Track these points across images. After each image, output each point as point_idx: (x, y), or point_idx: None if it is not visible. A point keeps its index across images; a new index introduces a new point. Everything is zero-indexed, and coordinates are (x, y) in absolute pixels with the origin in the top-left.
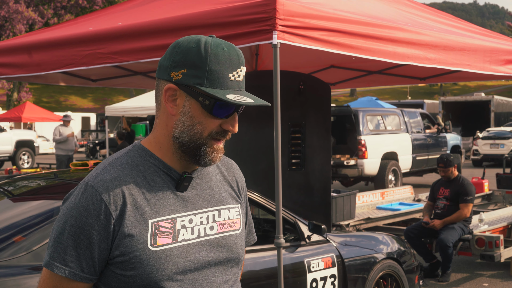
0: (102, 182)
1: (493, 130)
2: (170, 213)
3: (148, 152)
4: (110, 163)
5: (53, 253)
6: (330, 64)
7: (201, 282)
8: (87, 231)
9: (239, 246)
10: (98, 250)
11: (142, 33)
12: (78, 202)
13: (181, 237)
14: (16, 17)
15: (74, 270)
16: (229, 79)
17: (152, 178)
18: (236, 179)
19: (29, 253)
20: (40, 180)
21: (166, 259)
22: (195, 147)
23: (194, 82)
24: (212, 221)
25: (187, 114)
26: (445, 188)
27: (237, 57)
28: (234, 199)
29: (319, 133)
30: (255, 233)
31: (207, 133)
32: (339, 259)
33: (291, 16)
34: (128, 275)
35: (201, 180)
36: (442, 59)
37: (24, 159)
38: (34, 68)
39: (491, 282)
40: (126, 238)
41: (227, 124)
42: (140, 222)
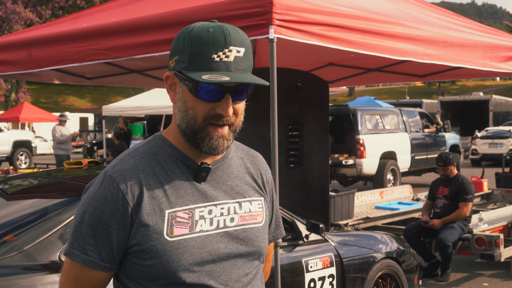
0: (120, 171)
1: (492, 129)
2: (188, 204)
3: (167, 142)
4: (130, 153)
5: (73, 242)
6: (328, 62)
7: (219, 274)
8: (105, 220)
9: (261, 239)
10: (116, 239)
11: (135, 29)
12: (96, 191)
13: (199, 228)
14: (14, 18)
15: (94, 259)
16: (213, 60)
17: (171, 168)
18: (261, 172)
19: (20, 252)
20: (34, 179)
21: (183, 250)
22: (193, 133)
23: (181, 67)
24: (233, 212)
25: (181, 100)
26: (444, 187)
27: (223, 38)
28: (257, 192)
29: (317, 131)
30: (283, 228)
31: (201, 118)
32: (338, 258)
33: (288, 10)
34: (145, 264)
35: (222, 172)
36: (442, 55)
37: (21, 159)
38: (26, 65)
39: (491, 281)
40: (142, 227)
41: (219, 108)
42: (157, 212)
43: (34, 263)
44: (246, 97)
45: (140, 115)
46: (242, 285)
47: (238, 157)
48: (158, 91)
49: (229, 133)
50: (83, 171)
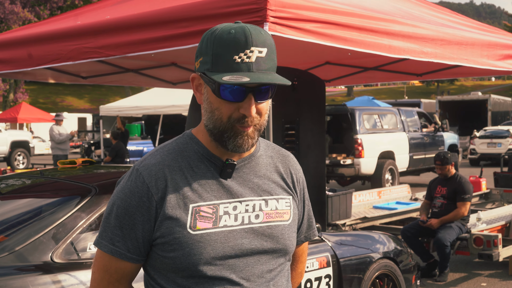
0: (146, 166)
1: (490, 129)
2: (213, 199)
3: (195, 139)
4: (158, 149)
5: (102, 233)
6: (326, 61)
7: (242, 269)
8: (131, 212)
9: (287, 237)
10: (142, 231)
11: (129, 26)
12: (124, 185)
13: (223, 223)
14: (12, 18)
15: (121, 250)
16: (234, 61)
17: (197, 164)
18: (291, 172)
19: (11, 253)
20: (27, 178)
21: (205, 243)
22: (219, 133)
23: (204, 68)
24: (258, 209)
25: (207, 101)
26: (442, 187)
27: (244, 38)
28: (284, 191)
29: (313, 130)
30: (316, 229)
31: (226, 119)
32: (334, 258)
33: (283, 7)
34: (168, 256)
35: (249, 169)
36: (439, 53)
37: (19, 159)
38: (19, 64)
39: (489, 281)
40: (166, 220)
41: (243, 109)
42: (181, 205)
43: (26, 264)
44: (270, 97)
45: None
46: (265, 281)
47: (267, 156)
48: (155, 91)
49: (253, 131)
50: (77, 171)
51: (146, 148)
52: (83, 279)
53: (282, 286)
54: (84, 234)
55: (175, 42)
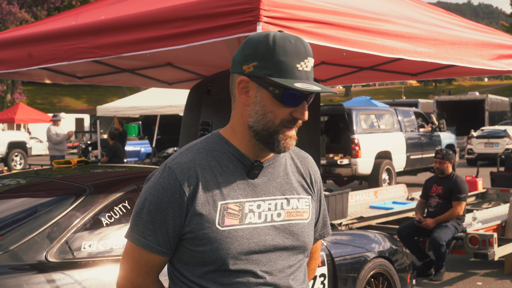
0: (178, 164)
1: (487, 129)
2: (239, 197)
3: (224, 140)
4: (188, 148)
5: (134, 227)
6: (321, 61)
7: (265, 263)
8: (164, 208)
9: (306, 234)
10: (172, 226)
11: (123, 26)
12: (157, 181)
13: (248, 220)
14: (9, 18)
15: (151, 243)
16: (297, 69)
17: (226, 163)
18: (310, 172)
19: (6, 252)
20: (22, 178)
21: (232, 239)
22: (269, 135)
23: (264, 73)
24: (280, 208)
25: (259, 104)
26: (438, 186)
27: (304, 49)
28: (305, 190)
29: (308, 130)
30: (329, 227)
31: (279, 121)
32: (329, 258)
33: (276, 7)
34: (197, 250)
35: (273, 169)
36: (433, 53)
37: (16, 160)
38: (15, 64)
39: (485, 281)
40: (196, 216)
41: (297, 113)
42: (210, 202)
43: (20, 263)
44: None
45: (135, 115)
46: (285, 275)
47: (288, 157)
48: (152, 91)
49: (294, 133)
50: (72, 170)
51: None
52: (78, 278)
53: (300, 281)
54: (78, 233)
55: (170, 42)
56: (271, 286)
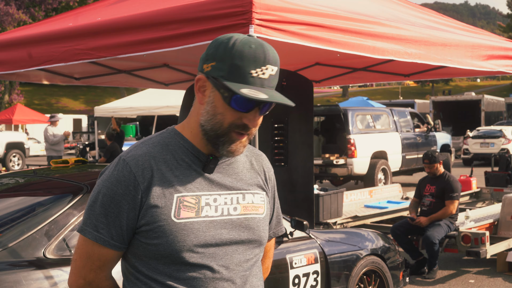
0: (133, 156)
1: (483, 129)
2: (196, 190)
3: (180, 135)
4: (143, 141)
5: (86, 220)
6: (315, 62)
7: (221, 257)
8: (117, 201)
9: (261, 229)
10: (126, 219)
11: (119, 28)
12: (111, 174)
13: (204, 213)
14: (7, 19)
15: (104, 237)
16: (251, 75)
17: (181, 157)
18: (264, 170)
19: (5, 249)
20: (21, 177)
21: (188, 231)
22: (215, 136)
23: (218, 74)
24: (236, 202)
25: (211, 104)
26: (431, 185)
27: (263, 56)
28: (259, 187)
29: (301, 130)
30: (283, 225)
31: (227, 124)
32: (322, 255)
33: (268, 10)
34: (152, 243)
35: (228, 166)
36: (423, 54)
37: (14, 161)
38: (12, 66)
39: (477, 278)
40: (151, 208)
41: (247, 119)
42: (166, 195)
43: (19, 260)
44: (267, 112)
45: (132, 116)
46: (242, 269)
47: (243, 154)
48: (150, 92)
49: (246, 140)
50: (69, 170)
51: None
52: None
53: (257, 276)
54: (76, 231)
55: (165, 44)
56: (228, 281)
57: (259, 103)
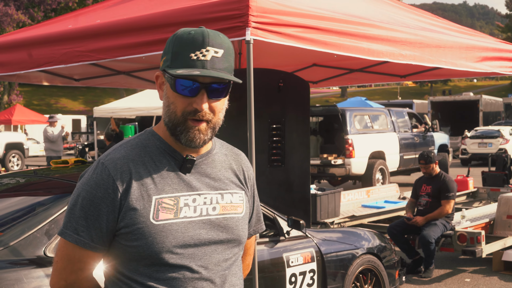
0: (111, 159)
1: (481, 129)
2: (174, 192)
3: (156, 136)
4: (122, 144)
5: (67, 223)
6: (313, 63)
7: (200, 257)
8: (97, 203)
9: (240, 228)
10: (106, 222)
11: (118, 31)
12: (90, 177)
13: (183, 214)
14: (6, 20)
15: (85, 239)
16: (190, 58)
17: (159, 159)
18: (243, 169)
19: (6, 248)
20: (21, 177)
21: (167, 233)
22: (174, 126)
23: (165, 66)
24: (215, 202)
25: (165, 96)
26: (427, 185)
27: (201, 38)
28: (238, 186)
29: (298, 130)
30: (263, 223)
31: (180, 113)
32: (319, 254)
33: (264, 13)
34: (131, 245)
35: (207, 166)
36: (418, 56)
37: (13, 161)
38: (13, 67)
39: (473, 277)
40: (130, 211)
41: (195, 103)
42: (144, 197)
43: (20, 258)
44: (224, 96)
45: (131, 116)
46: (221, 269)
47: (222, 154)
48: (148, 92)
49: (206, 128)
50: (69, 170)
51: None
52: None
53: (236, 275)
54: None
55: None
56: (207, 281)
57: (204, 86)
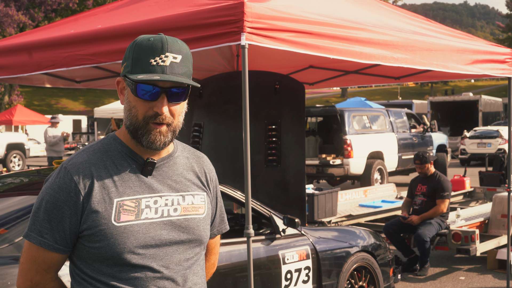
0: (74, 164)
1: (480, 129)
2: (135, 194)
3: (118, 140)
4: (85, 149)
5: (31, 226)
6: (309, 65)
7: (162, 257)
8: (60, 207)
9: (202, 228)
10: (69, 224)
11: (118, 35)
12: (53, 181)
13: (144, 215)
14: (7, 21)
15: (49, 241)
16: (150, 64)
17: (120, 162)
18: (205, 171)
19: (11, 244)
20: (24, 177)
21: (128, 234)
22: (135, 130)
23: (126, 71)
24: (176, 204)
25: (127, 101)
26: (422, 185)
27: (161, 45)
28: (199, 188)
29: (294, 131)
30: (227, 223)
31: (141, 117)
32: (314, 251)
33: (259, 19)
34: (94, 246)
35: (168, 168)
36: (409, 59)
37: (14, 161)
38: (17, 70)
39: (468, 275)
40: (92, 213)
41: (156, 107)
42: (106, 200)
43: None
44: (183, 99)
45: None
46: (182, 268)
47: (184, 157)
48: None
49: (167, 131)
50: None
51: None
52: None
53: (198, 274)
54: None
55: None
56: (168, 279)
57: (164, 90)
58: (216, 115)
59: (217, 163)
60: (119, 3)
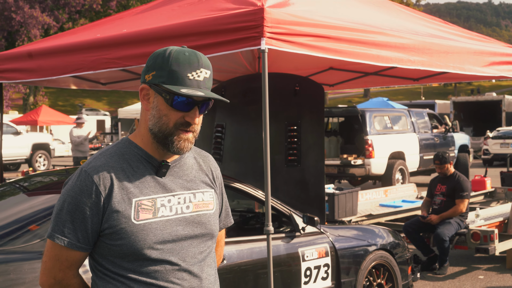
0: (93, 167)
1: (503, 129)
2: (151, 194)
3: (133, 144)
4: (101, 153)
5: (54, 227)
6: (329, 66)
7: (178, 252)
8: (82, 208)
9: (212, 223)
10: (91, 224)
11: (144, 40)
12: (74, 184)
13: (161, 213)
14: (31, 22)
15: (72, 241)
16: (188, 78)
17: (136, 165)
18: (211, 169)
19: (42, 240)
20: (54, 176)
21: (147, 231)
22: (164, 136)
23: (159, 81)
24: (188, 201)
25: (156, 108)
26: (442, 185)
27: (196, 61)
28: (208, 185)
29: (313, 131)
30: (231, 217)
31: (172, 124)
32: (333, 249)
33: (278, 24)
34: (116, 244)
35: (179, 169)
36: (426, 61)
37: (40, 161)
38: (46, 73)
39: (487, 274)
40: (113, 213)
41: (188, 117)
42: (125, 200)
43: None
44: (206, 111)
45: None
46: (197, 261)
47: (191, 157)
48: None
49: (192, 138)
50: None
51: None
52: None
53: (211, 266)
54: None
55: None
56: (186, 271)
57: (197, 103)
58: (238, 116)
59: (238, 163)
60: (143, 7)
